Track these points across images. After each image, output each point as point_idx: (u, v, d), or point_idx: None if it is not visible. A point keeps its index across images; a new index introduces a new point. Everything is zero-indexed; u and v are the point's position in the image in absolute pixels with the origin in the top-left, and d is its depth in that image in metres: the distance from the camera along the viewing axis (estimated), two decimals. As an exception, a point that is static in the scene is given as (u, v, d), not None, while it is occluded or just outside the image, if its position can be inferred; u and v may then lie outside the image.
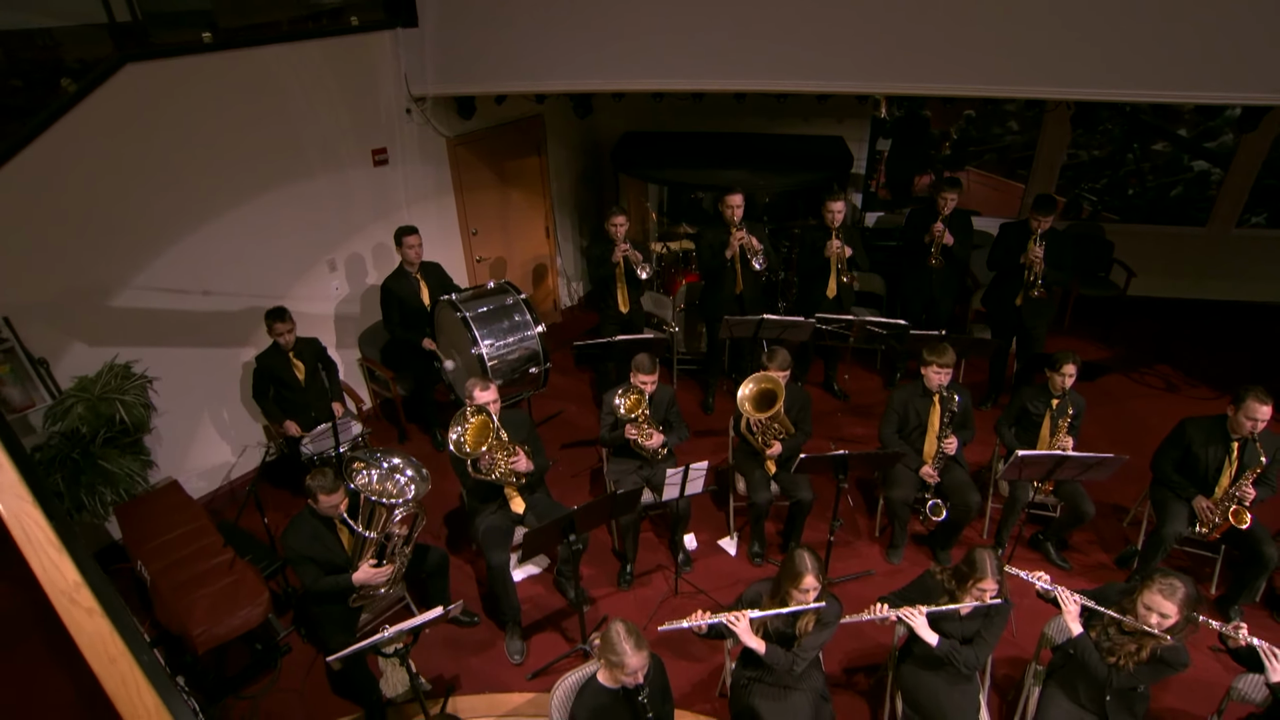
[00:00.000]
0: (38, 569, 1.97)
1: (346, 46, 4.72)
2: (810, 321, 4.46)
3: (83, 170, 3.77)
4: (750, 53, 4.39)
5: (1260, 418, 3.60)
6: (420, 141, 5.34)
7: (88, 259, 3.92)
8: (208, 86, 4.13)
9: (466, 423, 3.62)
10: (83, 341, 3.99)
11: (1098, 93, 4.45)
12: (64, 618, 1.90)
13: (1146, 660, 2.71)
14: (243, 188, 4.44)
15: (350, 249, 5.20)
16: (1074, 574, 4.19)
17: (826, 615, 2.88)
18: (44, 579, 1.93)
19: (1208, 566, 4.06)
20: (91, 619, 1.85)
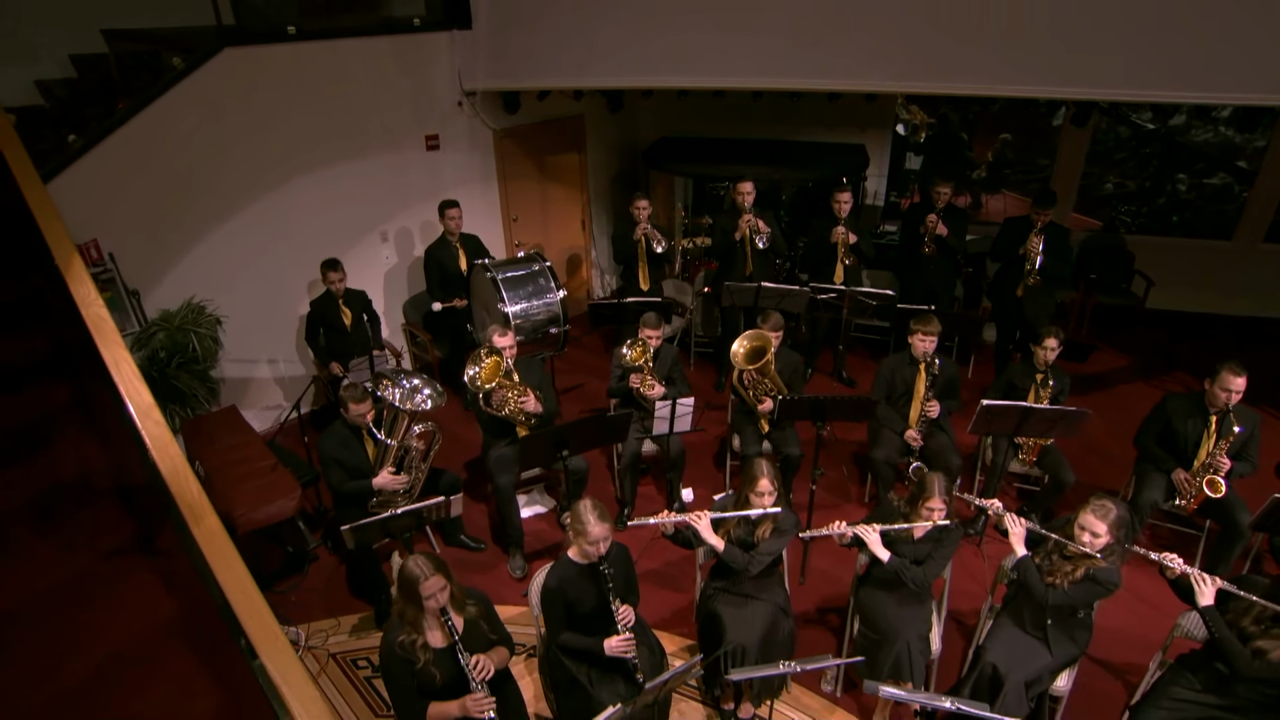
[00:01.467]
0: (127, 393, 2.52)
1: (409, 43, 5.38)
2: (805, 290, 4.78)
3: (183, 134, 4.46)
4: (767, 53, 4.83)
5: (1234, 389, 3.72)
6: (469, 131, 5.96)
7: (180, 209, 4.59)
8: (289, 71, 4.82)
9: (482, 362, 4.07)
10: (169, 280, 4.64)
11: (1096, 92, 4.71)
12: (140, 425, 2.43)
13: (1081, 579, 2.89)
14: (312, 160, 5.10)
15: (400, 223, 5.81)
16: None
17: (783, 523, 3.16)
18: (130, 400, 2.47)
19: (1191, 545, 4.12)
20: (159, 429, 2.38)
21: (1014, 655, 3.00)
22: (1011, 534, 3.05)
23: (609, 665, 2.89)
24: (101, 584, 2.81)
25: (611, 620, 2.86)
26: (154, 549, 3.01)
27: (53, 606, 2.57)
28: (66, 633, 2.49)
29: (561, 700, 2.95)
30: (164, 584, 2.91)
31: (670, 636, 3.76)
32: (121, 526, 2.94)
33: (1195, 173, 7.58)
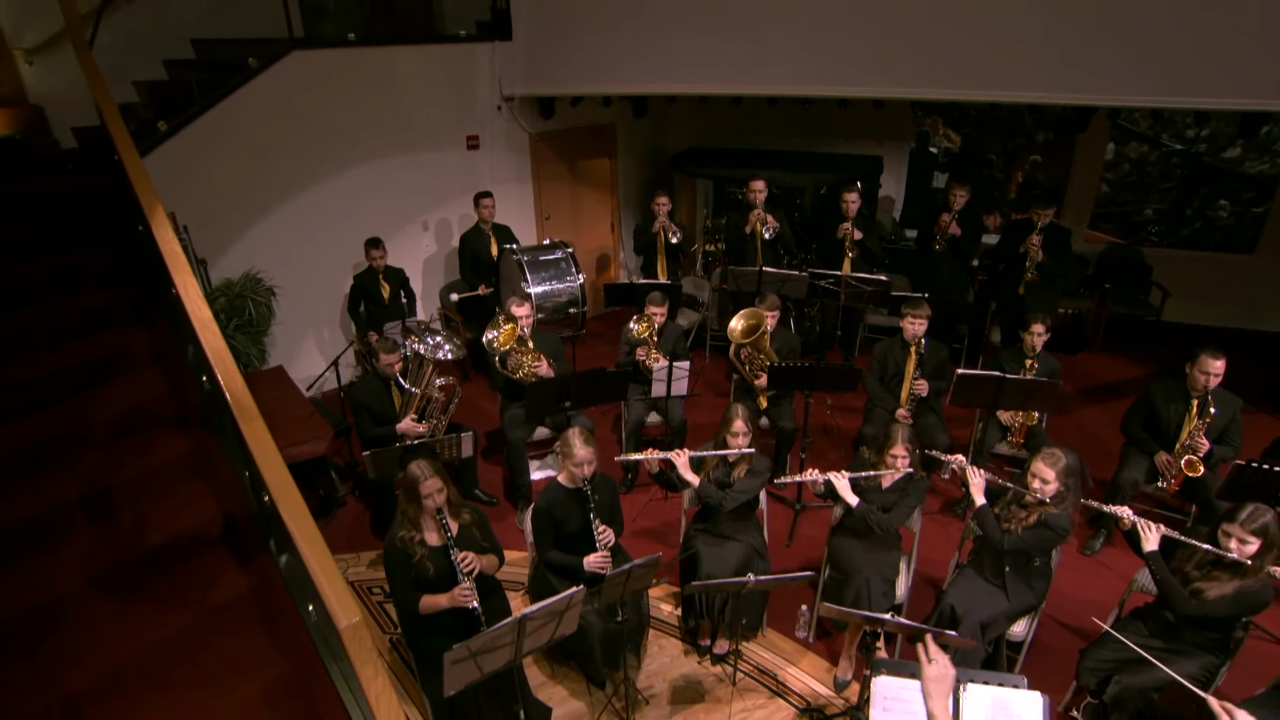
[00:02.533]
0: (191, 310, 2.99)
1: (455, 52, 5.96)
2: (804, 275, 5.06)
3: (254, 123, 5.06)
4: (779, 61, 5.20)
5: (1213, 371, 3.85)
6: (507, 134, 6.49)
7: (246, 190, 5.19)
8: (348, 73, 5.42)
9: (500, 327, 4.48)
10: (233, 252, 5.22)
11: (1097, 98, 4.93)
12: (200, 336, 2.88)
13: (1034, 525, 3.07)
14: (363, 152, 5.67)
15: (440, 214, 6.33)
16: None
17: (757, 464, 3.43)
18: (194, 315, 2.93)
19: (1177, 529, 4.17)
20: (217, 339, 2.83)
21: (972, 598, 3.18)
22: (972, 485, 3.25)
23: (589, 582, 3.17)
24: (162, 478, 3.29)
25: (593, 541, 3.17)
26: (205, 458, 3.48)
27: (134, 489, 3.08)
28: (145, 509, 2.99)
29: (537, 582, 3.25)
30: (211, 488, 3.37)
31: (660, 586, 4.01)
32: (178, 438, 3.43)
33: (1242, 201, 7.64)
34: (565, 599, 2.51)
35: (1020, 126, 8.71)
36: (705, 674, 3.47)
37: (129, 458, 3.30)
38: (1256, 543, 2.68)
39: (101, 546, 2.99)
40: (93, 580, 2.85)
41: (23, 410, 3.30)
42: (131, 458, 3.33)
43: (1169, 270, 6.68)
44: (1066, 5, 4.56)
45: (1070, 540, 4.28)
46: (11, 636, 2.62)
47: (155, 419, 3.57)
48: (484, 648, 2.34)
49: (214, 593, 3.05)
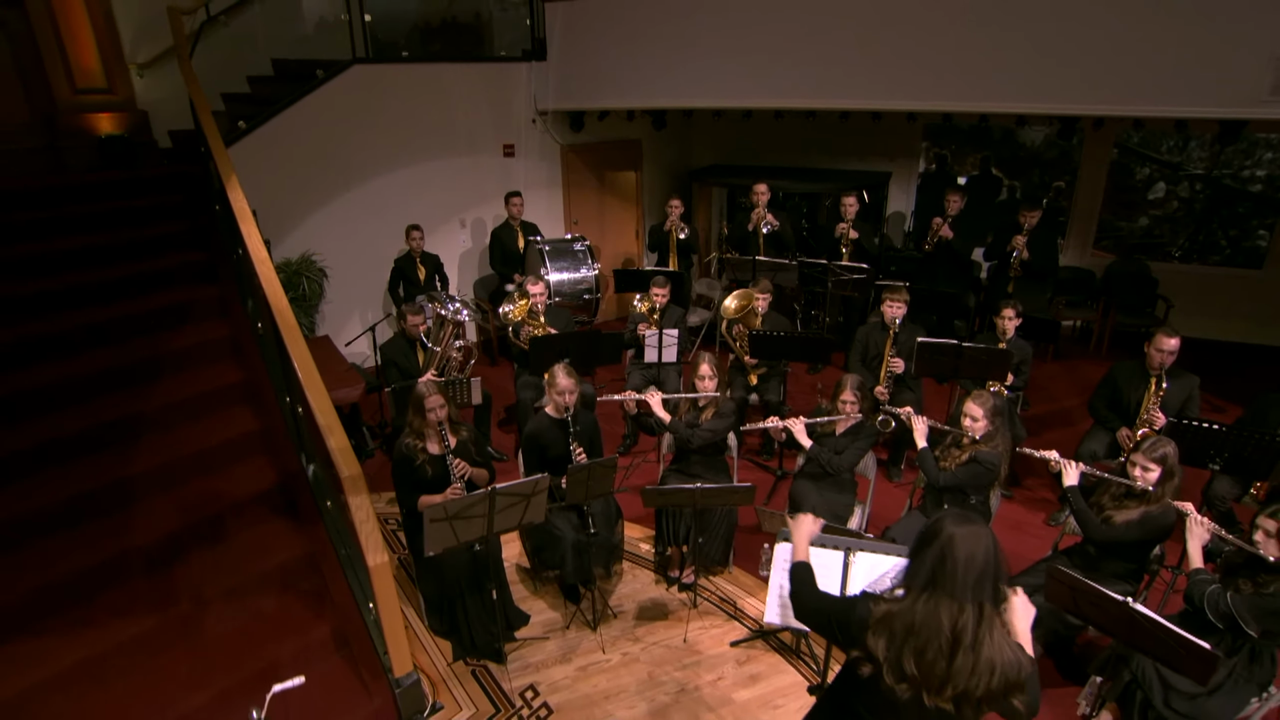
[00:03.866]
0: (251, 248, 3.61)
1: (495, 70, 6.70)
2: (793, 264, 5.47)
3: (317, 126, 5.84)
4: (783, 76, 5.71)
5: (1167, 349, 4.09)
6: (540, 144, 7.17)
7: (307, 182, 5.94)
8: (400, 85, 6.18)
9: (515, 302, 5.05)
10: (293, 235, 5.96)
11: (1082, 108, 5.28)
12: (257, 268, 3.50)
13: (966, 462, 3.38)
14: (411, 154, 6.40)
15: (476, 214, 7.01)
16: (1015, 501, 4.64)
17: (723, 408, 3.84)
18: (253, 252, 3.56)
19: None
20: (268, 269, 3.44)
21: (912, 531, 3.47)
22: (916, 431, 3.58)
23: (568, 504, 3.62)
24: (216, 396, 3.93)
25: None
26: (252, 384, 4.11)
27: (196, 403, 3.75)
28: (201, 418, 3.61)
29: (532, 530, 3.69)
30: (252, 409, 3.98)
31: (638, 527, 4.38)
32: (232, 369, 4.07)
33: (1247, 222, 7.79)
34: (531, 482, 2.96)
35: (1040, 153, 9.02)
36: (671, 598, 3.84)
37: (196, 375, 3.97)
38: (1157, 470, 2.95)
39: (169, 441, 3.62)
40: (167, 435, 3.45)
41: (126, 336, 4.04)
42: (196, 376, 3.99)
43: (1175, 285, 6.80)
44: (1052, 24, 4.93)
45: (1038, 511, 4.54)
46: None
47: (218, 353, 4.24)
48: (460, 513, 2.81)
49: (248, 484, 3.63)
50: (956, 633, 1.59)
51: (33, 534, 3.13)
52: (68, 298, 4.09)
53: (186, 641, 2.97)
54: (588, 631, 3.60)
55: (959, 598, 1.60)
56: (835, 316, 6.40)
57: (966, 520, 1.65)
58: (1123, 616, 2.37)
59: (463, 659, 3.42)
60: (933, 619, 1.61)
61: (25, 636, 2.83)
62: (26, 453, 3.35)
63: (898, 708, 1.69)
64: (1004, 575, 1.65)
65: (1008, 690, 1.61)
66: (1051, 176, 9.22)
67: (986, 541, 1.62)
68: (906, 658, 1.63)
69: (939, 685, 1.62)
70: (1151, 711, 2.74)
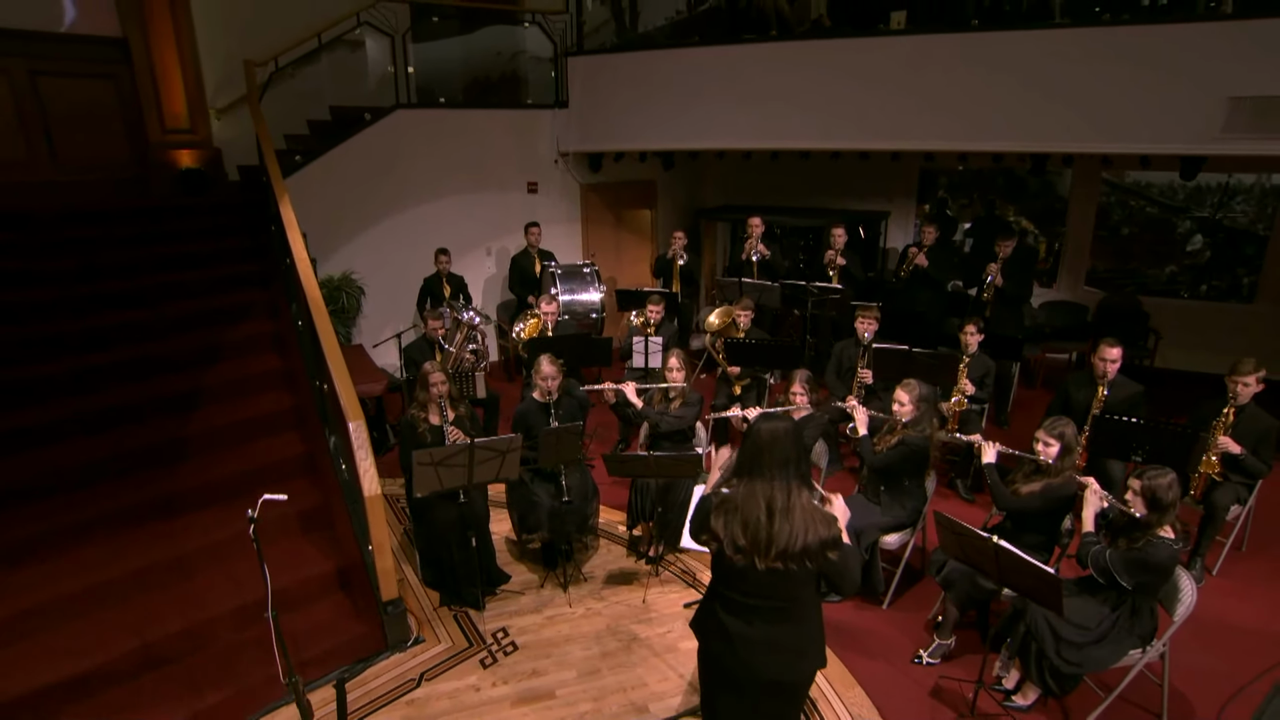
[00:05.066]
0: (294, 248, 4.31)
1: (522, 116, 7.52)
2: (776, 285, 5.96)
3: (363, 162, 6.69)
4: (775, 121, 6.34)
5: (1110, 358, 4.42)
6: (562, 183, 7.92)
7: (352, 210, 6.76)
8: (437, 127, 7.02)
9: (527, 320, 5.69)
10: (336, 255, 6.76)
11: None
12: (298, 266, 4.18)
13: (895, 444, 3.76)
14: (445, 188, 7.20)
15: (501, 244, 7.74)
16: (977, 505, 4.92)
17: (690, 398, 4.31)
18: (295, 252, 4.25)
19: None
20: (307, 267, 4.12)
21: (851, 509, 3.85)
22: (858, 420, 3.98)
23: (546, 477, 4.12)
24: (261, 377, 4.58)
25: (553, 442, 4.12)
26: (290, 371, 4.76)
27: (243, 380, 4.43)
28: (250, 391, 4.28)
29: (511, 494, 4.19)
30: (289, 391, 4.62)
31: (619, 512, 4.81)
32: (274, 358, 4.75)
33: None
34: (506, 440, 3.48)
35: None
36: (638, 569, 4.25)
37: (251, 364, 4.67)
38: (1056, 445, 3.31)
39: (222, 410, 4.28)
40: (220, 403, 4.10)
41: (194, 327, 4.77)
42: (245, 362, 4.68)
43: (1166, 318, 7.01)
44: (1028, 73, 5.43)
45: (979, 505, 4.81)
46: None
47: (265, 344, 4.94)
48: (443, 460, 3.34)
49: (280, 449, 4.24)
50: (770, 505, 2.04)
51: (120, 472, 3.83)
52: (153, 294, 4.89)
53: (220, 564, 3.55)
54: (560, 591, 4.04)
55: (769, 478, 2.05)
56: (817, 334, 6.79)
57: (771, 418, 2.12)
58: (989, 552, 2.73)
59: (447, 605, 3.90)
60: (751, 497, 2.07)
61: (133, 535, 3.58)
62: (116, 409, 4.08)
63: (742, 574, 2.13)
64: (805, 460, 2.10)
65: (822, 546, 2.04)
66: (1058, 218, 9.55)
67: (787, 433, 2.08)
68: (737, 532, 2.08)
69: (765, 549, 2.05)
70: (1045, 661, 3.03)
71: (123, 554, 3.48)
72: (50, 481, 3.68)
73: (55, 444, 3.86)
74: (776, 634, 2.17)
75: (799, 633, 2.19)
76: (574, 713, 3.18)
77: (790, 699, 2.31)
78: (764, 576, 2.09)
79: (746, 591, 2.17)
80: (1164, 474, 2.90)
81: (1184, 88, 5.14)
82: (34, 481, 3.64)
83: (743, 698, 2.28)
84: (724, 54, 6.55)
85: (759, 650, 2.17)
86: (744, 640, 2.19)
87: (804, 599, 2.16)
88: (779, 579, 2.09)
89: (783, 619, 2.16)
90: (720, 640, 2.24)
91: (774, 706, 2.27)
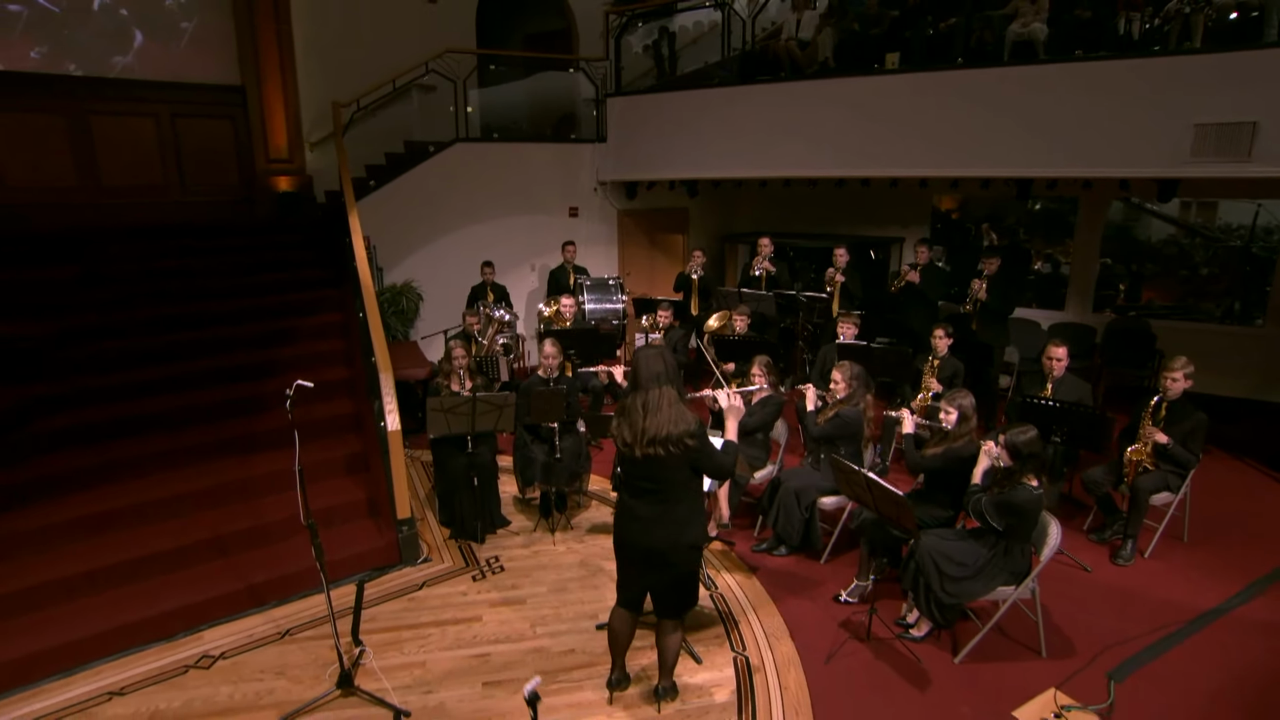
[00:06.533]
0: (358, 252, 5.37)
1: (565, 149, 8.56)
2: (770, 295, 6.61)
3: (426, 187, 7.84)
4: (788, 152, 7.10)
5: (1056, 357, 4.86)
6: (600, 208, 8.88)
7: (415, 227, 7.90)
8: (491, 158, 8.14)
9: (549, 308, 6.59)
10: (400, 265, 7.89)
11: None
12: (359, 265, 5.24)
13: (832, 418, 4.35)
14: (495, 211, 8.27)
15: (544, 261, 8.72)
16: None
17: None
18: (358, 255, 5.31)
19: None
20: (364, 264, 5.15)
21: (795, 476, 4.47)
22: (807, 397, 4.59)
23: (544, 438, 4.91)
24: (328, 356, 5.61)
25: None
26: (349, 357, 5.78)
27: (314, 357, 5.44)
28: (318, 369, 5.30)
29: (515, 455, 5.00)
30: (345, 367, 5.61)
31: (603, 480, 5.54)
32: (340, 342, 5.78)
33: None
34: (502, 396, 4.32)
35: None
36: (620, 523, 4.95)
37: (319, 345, 5.72)
38: (955, 413, 3.84)
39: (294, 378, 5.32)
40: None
41: (279, 315, 5.88)
42: (315, 343, 5.74)
43: (1174, 341, 7.17)
44: (1016, 107, 6.01)
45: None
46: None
47: (332, 332, 6.00)
48: (451, 408, 4.21)
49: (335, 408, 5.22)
50: (645, 406, 2.76)
51: (216, 417, 4.92)
52: (250, 290, 6.08)
53: (280, 489, 4.50)
54: (549, 534, 4.79)
55: (645, 387, 2.77)
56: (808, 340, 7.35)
57: (649, 347, 2.85)
58: (863, 484, 3.32)
59: (455, 538, 4.72)
60: (633, 402, 2.80)
61: (220, 461, 4.64)
62: (218, 370, 5.21)
63: (633, 463, 2.84)
64: (675, 375, 2.81)
65: (682, 435, 2.73)
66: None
67: (657, 354, 2.81)
68: (624, 428, 2.81)
69: (641, 439, 2.76)
70: (931, 594, 3.53)
71: (211, 473, 4.50)
72: (175, 417, 4.81)
73: (179, 391, 5.01)
74: (660, 511, 2.86)
75: (677, 511, 2.87)
76: (538, 614, 3.91)
77: (677, 565, 2.93)
78: (645, 463, 2.80)
79: (637, 477, 2.87)
80: (1025, 430, 3.41)
81: (1154, 116, 5.59)
82: (165, 416, 4.80)
83: (639, 564, 2.97)
84: (739, 94, 7.39)
85: (647, 524, 2.87)
86: (636, 516, 2.89)
87: (679, 482, 2.85)
88: (656, 464, 2.79)
89: (664, 499, 2.85)
90: (623, 517, 2.95)
91: (665, 572, 2.94)
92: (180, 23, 6.95)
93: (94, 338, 5.22)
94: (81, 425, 4.61)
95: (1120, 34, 6.14)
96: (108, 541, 4.00)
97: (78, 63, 6.53)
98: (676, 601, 3.03)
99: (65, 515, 4.04)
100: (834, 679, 3.43)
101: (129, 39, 6.74)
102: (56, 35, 6.41)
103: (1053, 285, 9.21)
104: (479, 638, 3.73)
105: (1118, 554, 4.42)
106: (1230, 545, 4.60)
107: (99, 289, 5.64)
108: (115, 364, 5.08)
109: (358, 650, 3.54)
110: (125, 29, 6.71)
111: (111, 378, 4.96)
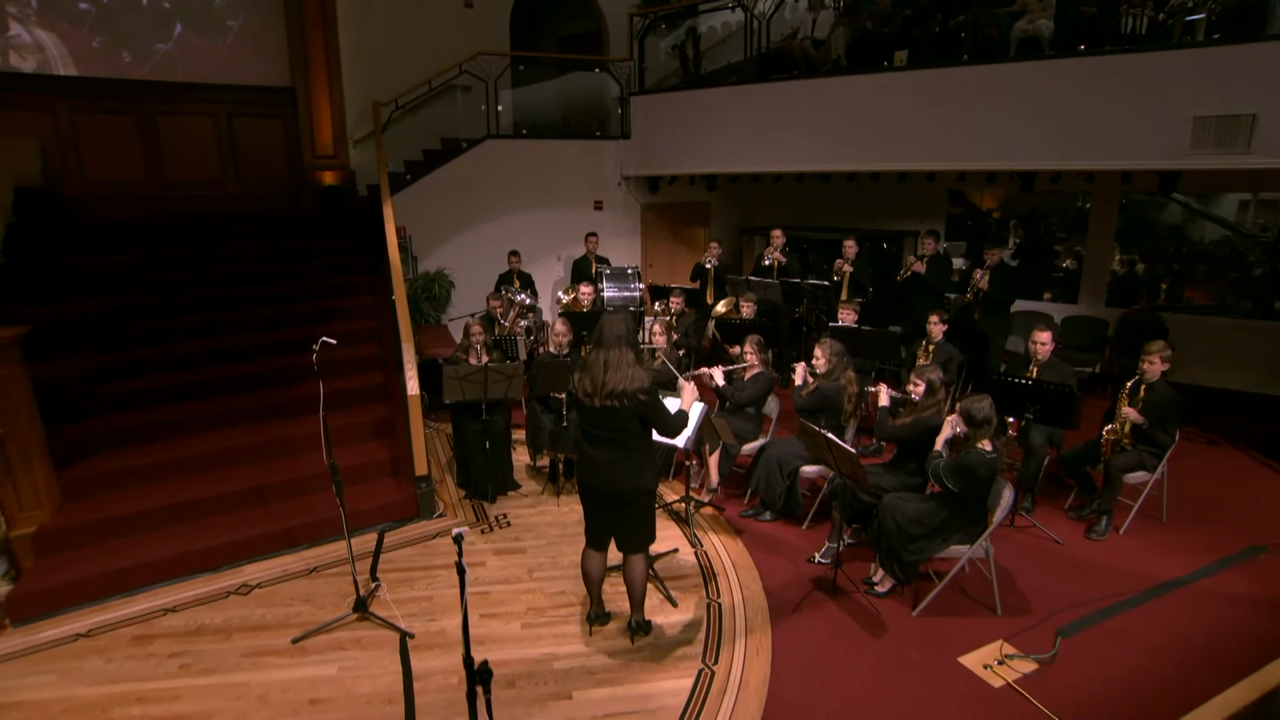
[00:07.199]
0: (390, 239, 5.90)
1: (591, 145, 8.98)
2: (777, 282, 6.88)
3: (459, 180, 8.35)
4: (799, 148, 7.37)
5: (1040, 341, 5.05)
6: (624, 202, 9.27)
7: (448, 218, 8.43)
8: (520, 153, 8.61)
9: (569, 294, 7.01)
10: (434, 254, 8.43)
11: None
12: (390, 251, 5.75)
13: (814, 390, 4.65)
14: (522, 203, 8.74)
15: (569, 252, 9.16)
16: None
17: (670, 356, 5.38)
18: (390, 244, 5.83)
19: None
20: (395, 252, 5.66)
21: (779, 446, 4.77)
22: (796, 373, 4.89)
23: (552, 409, 5.33)
24: (362, 334, 6.13)
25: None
26: (380, 335, 6.29)
27: (352, 335, 5.94)
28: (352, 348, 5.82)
29: (527, 425, 5.43)
30: (377, 344, 6.12)
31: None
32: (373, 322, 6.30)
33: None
34: (512, 367, 4.75)
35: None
36: (621, 490, 5.33)
37: (354, 324, 6.25)
38: (923, 385, 4.11)
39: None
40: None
41: (319, 297, 6.45)
42: (351, 323, 6.27)
43: (1186, 334, 7.20)
44: (1021, 101, 6.18)
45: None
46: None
47: (366, 313, 6.53)
48: (466, 376, 4.65)
49: (366, 380, 5.72)
50: (606, 362, 3.13)
51: (263, 384, 5.49)
52: (298, 275, 6.66)
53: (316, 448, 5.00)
54: (555, 497, 5.20)
55: (606, 346, 3.14)
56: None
57: (613, 312, 3.23)
58: (824, 443, 3.62)
59: (469, 498, 5.17)
60: (594, 359, 3.17)
61: (265, 423, 5.17)
62: (260, 344, 5.76)
63: (590, 412, 3.22)
64: (634, 338, 3.17)
65: (635, 391, 3.10)
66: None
67: (621, 319, 3.18)
68: (584, 381, 3.19)
69: (600, 391, 3.14)
70: (892, 552, 3.82)
71: (254, 433, 5.05)
72: (225, 384, 5.40)
73: (229, 363, 5.60)
74: (616, 457, 3.23)
75: (630, 458, 3.23)
76: (534, 561, 4.33)
77: (633, 505, 3.31)
78: (601, 412, 3.17)
79: (594, 425, 3.25)
80: (980, 399, 3.67)
81: (1154, 109, 5.70)
82: (216, 382, 5.41)
83: (601, 506, 3.35)
84: (754, 92, 7.69)
85: (604, 468, 3.25)
86: (595, 463, 3.27)
87: (631, 431, 3.21)
88: (610, 414, 3.17)
89: (618, 447, 3.22)
90: (584, 464, 3.34)
91: (624, 511, 3.32)
92: (226, 20, 7.54)
93: (154, 314, 5.85)
94: (142, 390, 5.21)
95: (1125, 31, 6.23)
96: (165, 487, 4.57)
97: (142, 62, 7.17)
98: (637, 537, 3.40)
99: (128, 463, 4.63)
100: (798, 625, 3.74)
101: (190, 44, 7.40)
102: (121, 33, 7.09)
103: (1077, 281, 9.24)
104: (480, 579, 4.16)
105: (1091, 529, 4.61)
106: (1208, 527, 4.72)
107: (159, 273, 6.28)
108: (173, 336, 5.70)
109: (374, 585, 4.01)
110: (186, 39, 7.37)
111: (170, 347, 5.58)
